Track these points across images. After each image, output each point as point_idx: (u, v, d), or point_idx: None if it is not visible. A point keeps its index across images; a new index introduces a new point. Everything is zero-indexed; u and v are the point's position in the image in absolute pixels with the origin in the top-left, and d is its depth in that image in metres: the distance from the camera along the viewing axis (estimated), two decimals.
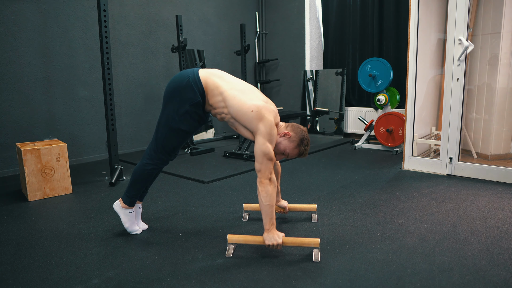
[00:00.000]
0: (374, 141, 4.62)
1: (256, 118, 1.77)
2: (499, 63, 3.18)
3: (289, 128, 1.90)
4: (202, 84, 1.84)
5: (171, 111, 1.87)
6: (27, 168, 2.69)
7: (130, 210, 2.05)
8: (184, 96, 1.83)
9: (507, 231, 2.03)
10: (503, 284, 1.52)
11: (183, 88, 1.84)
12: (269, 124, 1.78)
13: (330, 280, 1.58)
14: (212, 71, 1.92)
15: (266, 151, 1.75)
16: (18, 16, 3.48)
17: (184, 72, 1.89)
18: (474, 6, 3.29)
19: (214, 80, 1.86)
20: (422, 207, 2.43)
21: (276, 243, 1.76)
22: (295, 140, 1.88)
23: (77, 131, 3.98)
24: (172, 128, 1.88)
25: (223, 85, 1.85)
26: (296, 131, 1.89)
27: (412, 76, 3.31)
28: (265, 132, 1.77)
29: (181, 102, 1.84)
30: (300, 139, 1.89)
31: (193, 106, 1.84)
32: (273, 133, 1.80)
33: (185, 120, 1.86)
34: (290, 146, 1.89)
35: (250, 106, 1.78)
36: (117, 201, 2.08)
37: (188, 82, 1.83)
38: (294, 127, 1.91)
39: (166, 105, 1.89)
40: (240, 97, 1.81)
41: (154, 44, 4.64)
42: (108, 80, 3.10)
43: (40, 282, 1.62)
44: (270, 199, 1.76)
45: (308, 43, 5.60)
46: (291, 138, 1.88)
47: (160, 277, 1.64)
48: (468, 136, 3.45)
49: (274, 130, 1.80)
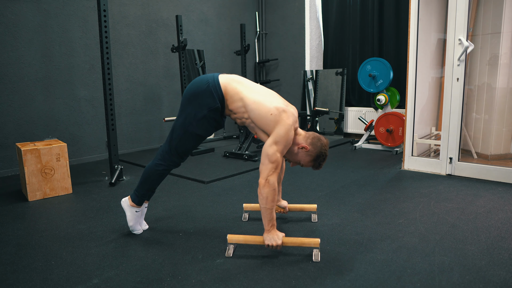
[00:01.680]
0: (374, 141, 4.62)
1: (274, 121, 1.76)
2: (499, 63, 3.18)
3: (309, 140, 1.86)
4: (222, 90, 1.83)
5: (189, 115, 1.86)
6: (27, 168, 2.69)
7: (137, 209, 2.06)
8: (203, 101, 1.82)
9: (507, 231, 2.03)
10: (503, 284, 1.53)
11: (202, 93, 1.83)
12: (285, 128, 1.75)
13: (330, 280, 1.58)
14: (232, 76, 1.90)
15: (270, 153, 1.73)
16: (18, 16, 3.48)
17: (204, 77, 1.88)
18: (474, 6, 3.29)
19: (234, 85, 1.84)
20: (422, 207, 2.43)
21: (276, 244, 1.76)
22: (312, 155, 1.86)
23: (77, 131, 3.98)
24: (188, 131, 1.87)
25: (244, 90, 1.84)
26: (315, 145, 1.85)
27: (412, 76, 3.31)
28: (278, 135, 1.74)
29: (200, 107, 1.83)
30: (317, 155, 1.86)
31: (211, 112, 1.83)
32: (289, 138, 1.77)
33: (202, 125, 1.86)
34: (306, 160, 1.87)
35: (270, 109, 1.77)
36: (126, 198, 2.08)
37: (208, 87, 1.82)
38: (314, 140, 1.86)
39: (184, 108, 1.88)
40: (260, 101, 1.80)
41: (154, 44, 4.64)
42: (108, 80, 3.10)
43: (40, 282, 1.62)
44: (266, 201, 1.74)
45: (308, 43, 5.60)
46: (309, 151, 1.85)
47: (160, 277, 1.64)
48: (468, 136, 3.45)
49: (290, 134, 1.77)
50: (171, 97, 4.89)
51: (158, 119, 4.74)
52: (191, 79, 4.90)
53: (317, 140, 1.86)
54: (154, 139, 4.75)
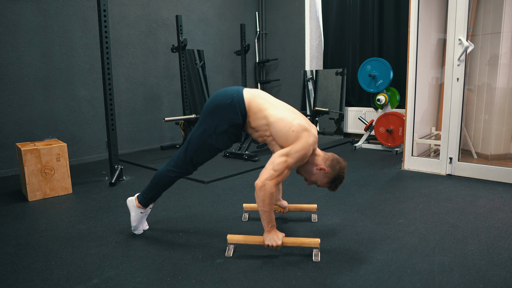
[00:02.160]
0: (374, 141, 4.62)
1: (294, 137, 1.75)
2: (499, 63, 3.18)
3: (328, 162, 1.85)
4: (246, 106, 1.82)
5: (209, 128, 1.84)
6: (27, 168, 2.69)
7: (142, 210, 2.06)
8: (225, 115, 1.81)
9: (507, 231, 2.03)
10: (503, 284, 1.53)
11: (226, 107, 1.81)
12: (303, 146, 1.74)
13: (330, 280, 1.58)
14: (256, 92, 1.89)
15: (276, 162, 1.73)
16: (18, 16, 3.48)
17: (229, 90, 1.86)
18: (474, 6, 3.29)
19: (258, 102, 1.83)
20: (422, 207, 2.43)
21: (276, 244, 1.76)
22: (330, 177, 1.85)
23: (77, 131, 3.98)
24: (206, 143, 1.86)
25: (268, 107, 1.82)
26: (334, 168, 1.85)
27: (412, 76, 3.31)
28: (294, 149, 1.73)
29: (221, 121, 1.82)
30: (335, 177, 1.86)
31: (232, 127, 1.83)
32: (303, 155, 1.76)
33: (221, 139, 1.85)
34: (323, 181, 1.87)
35: (292, 125, 1.76)
36: (132, 198, 2.08)
37: (231, 102, 1.81)
38: (333, 162, 1.85)
39: (205, 119, 1.86)
40: (283, 117, 1.79)
41: (154, 44, 4.64)
42: (108, 80, 3.10)
43: (40, 282, 1.62)
44: (263, 204, 1.74)
45: (308, 43, 5.60)
46: (327, 173, 1.85)
47: (160, 277, 1.64)
48: (468, 136, 3.45)
49: (306, 153, 1.76)
50: (171, 97, 4.89)
51: (158, 119, 4.74)
52: (191, 79, 4.90)
53: (336, 163, 1.86)
54: (154, 139, 4.75)
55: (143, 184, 3.11)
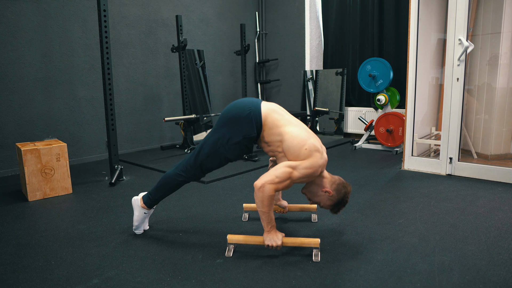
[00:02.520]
0: (374, 141, 4.62)
1: (306, 155, 1.75)
2: (499, 63, 3.18)
3: (334, 186, 1.86)
4: (262, 120, 1.82)
5: (223, 137, 1.84)
6: (27, 168, 2.69)
7: (146, 211, 2.06)
8: (240, 127, 1.82)
9: (507, 231, 2.03)
10: (503, 284, 1.53)
11: (242, 119, 1.81)
12: (312, 165, 1.75)
13: (330, 280, 1.58)
14: (273, 107, 1.88)
15: (280, 171, 1.72)
16: (18, 16, 3.48)
17: (247, 102, 1.86)
18: (474, 6, 3.29)
19: (274, 118, 1.83)
20: (422, 207, 2.43)
21: (276, 244, 1.76)
22: (333, 200, 1.87)
23: (77, 131, 3.98)
24: (218, 152, 1.86)
25: (284, 124, 1.82)
26: (339, 191, 1.86)
27: (412, 76, 3.31)
28: (302, 165, 1.74)
29: (236, 132, 1.82)
30: (339, 201, 1.87)
31: (246, 139, 1.83)
32: (309, 174, 1.76)
33: (234, 150, 1.85)
34: (327, 203, 1.89)
35: (305, 143, 1.77)
36: (137, 198, 2.08)
37: (249, 114, 1.81)
38: (339, 187, 1.86)
39: (220, 128, 1.86)
40: (298, 134, 1.79)
41: (154, 44, 4.64)
42: (108, 80, 3.10)
43: (40, 282, 1.62)
44: (262, 205, 1.74)
45: (308, 43, 5.60)
46: (332, 196, 1.86)
47: (160, 277, 1.64)
48: (468, 136, 3.45)
49: (313, 173, 1.77)
50: (171, 97, 4.89)
51: (158, 119, 4.74)
52: (191, 79, 4.90)
53: (342, 187, 1.87)
54: (154, 139, 4.75)
55: (143, 184, 3.11)
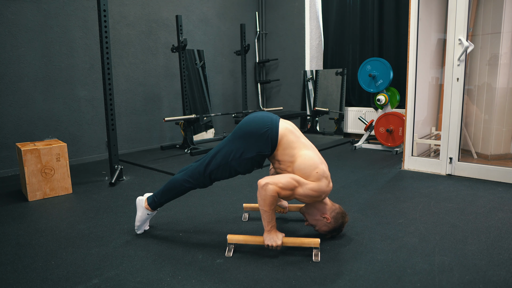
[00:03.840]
0: (374, 141, 4.62)
1: (315, 178, 1.78)
2: (499, 63, 3.18)
3: (333, 214, 1.90)
4: (278, 139, 1.83)
5: (237, 150, 1.84)
6: (27, 168, 2.69)
7: (150, 212, 2.06)
8: (256, 144, 1.82)
9: (507, 231, 2.02)
10: (503, 284, 1.52)
11: (259, 136, 1.82)
12: (319, 189, 1.78)
13: (330, 280, 1.58)
14: (291, 127, 1.89)
15: (285, 181, 1.74)
16: (18, 16, 3.48)
17: (266, 119, 1.86)
18: (474, 6, 3.29)
19: (290, 139, 1.84)
20: (422, 207, 2.43)
21: (276, 244, 1.76)
22: (330, 227, 1.91)
23: (77, 131, 3.98)
24: (229, 164, 1.86)
25: (298, 147, 1.83)
26: (337, 220, 1.90)
27: (412, 76, 3.31)
28: (310, 186, 1.76)
29: (251, 148, 1.83)
30: (334, 228, 1.92)
31: (259, 156, 1.84)
32: (312, 196, 1.79)
33: (245, 164, 1.86)
34: (323, 228, 1.93)
35: (318, 167, 1.79)
36: (142, 198, 2.07)
37: (266, 132, 1.81)
38: (338, 216, 1.90)
39: (235, 140, 1.87)
40: (311, 157, 1.81)
41: (154, 44, 4.64)
42: (108, 80, 3.10)
43: (40, 282, 1.62)
44: (264, 204, 1.75)
45: (308, 43, 5.60)
46: (329, 223, 1.90)
47: (160, 277, 1.64)
48: (468, 136, 3.45)
49: (317, 197, 1.80)
50: (171, 97, 4.89)
51: (158, 119, 4.74)
52: (191, 79, 4.90)
53: (340, 217, 1.92)
54: (154, 139, 4.75)
55: (143, 184, 3.11)
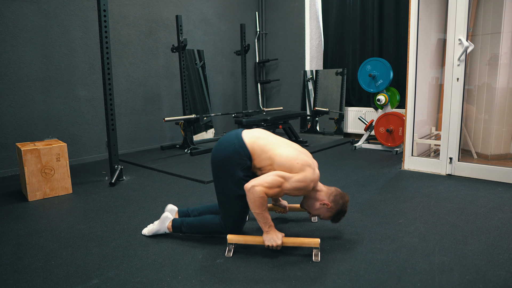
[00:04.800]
0: (374, 141, 4.62)
1: (299, 168, 1.77)
2: (499, 63, 3.18)
3: (332, 198, 1.88)
4: (249, 149, 1.83)
5: (225, 182, 1.86)
6: (27, 168, 2.69)
7: (167, 231, 2.05)
8: (233, 164, 1.82)
9: (507, 231, 2.02)
10: (503, 284, 1.53)
11: (230, 155, 1.83)
12: (304, 178, 1.76)
13: (330, 280, 1.58)
14: (256, 133, 1.90)
15: (271, 179, 1.74)
16: (18, 16, 3.48)
17: (228, 139, 1.88)
18: (474, 6, 3.29)
19: (260, 144, 1.84)
20: (422, 207, 2.43)
21: (276, 244, 1.76)
22: (333, 211, 1.89)
23: (77, 131, 3.98)
24: (233, 197, 1.86)
25: (271, 148, 1.83)
26: (337, 202, 1.88)
27: (412, 76, 3.31)
28: (294, 178, 1.75)
29: (232, 169, 1.83)
30: (338, 211, 1.89)
31: (244, 170, 1.83)
32: (299, 187, 1.77)
33: (241, 185, 1.84)
34: (326, 215, 1.91)
35: (298, 158, 1.80)
36: (170, 217, 2.05)
37: (234, 149, 1.83)
38: (336, 198, 1.88)
39: (218, 174, 1.88)
40: (289, 152, 1.82)
41: (154, 44, 4.64)
42: (108, 80, 3.10)
43: (40, 282, 1.62)
44: (254, 207, 1.75)
45: (308, 43, 5.60)
46: (330, 208, 1.88)
47: (160, 277, 1.64)
48: (468, 136, 3.45)
49: (304, 187, 1.79)
50: (171, 97, 4.89)
51: (158, 119, 4.74)
52: (191, 79, 4.90)
53: (339, 198, 1.89)
54: (154, 139, 4.75)
55: (143, 184, 3.11)
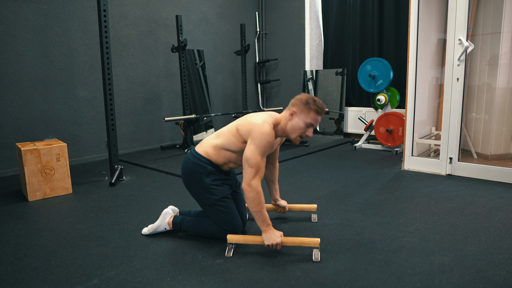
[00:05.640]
0: (374, 141, 4.62)
1: (247, 130, 1.79)
2: (499, 63, 3.18)
3: (290, 106, 1.82)
4: (204, 155, 1.91)
5: (199, 194, 1.93)
6: (27, 168, 2.69)
7: (168, 229, 2.07)
8: (197, 175, 1.90)
9: (507, 231, 2.02)
10: (503, 284, 1.52)
11: (192, 170, 1.91)
12: (258, 127, 1.75)
13: (330, 280, 1.58)
14: (205, 139, 2.00)
15: (248, 157, 1.75)
16: (18, 16, 3.48)
17: (186, 157, 1.98)
18: (474, 6, 3.29)
19: (211, 144, 1.92)
20: (422, 207, 2.43)
21: (275, 243, 1.76)
22: (303, 108, 1.77)
23: (77, 131, 3.98)
24: (213, 204, 1.90)
25: (218, 142, 1.90)
26: (297, 103, 1.79)
27: (412, 76, 3.31)
28: (254, 137, 1.75)
29: (199, 181, 1.90)
30: (305, 103, 1.77)
31: (209, 176, 1.89)
32: (266, 134, 1.73)
33: (215, 191, 1.89)
34: (302, 121, 1.78)
35: (237, 128, 1.83)
36: (170, 213, 2.08)
37: (192, 162, 1.92)
38: (294, 101, 1.81)
39: (192, 192, 1.97)
40: (228, 133, 1.88)
41: (154, 44, 4.64)
42: (108, 80, 3.10)
43: (40, 282, 1.62)
44: (253, 205, 1.76)
45: (308, 43, 5.60)
46: (297, 112, 1.79)
47: (160, 277, 1.64)
48: (468, 136, 3.45)
49: (266, 131, 1.73)
50: (171, 97, 4.89)
51: (158, 119, 4.74)
52: (191, 79, 4.90)
53: (296, 100, 1.81)
54: (154, 139, 4.75)
55: (143, 184, 3.11)
